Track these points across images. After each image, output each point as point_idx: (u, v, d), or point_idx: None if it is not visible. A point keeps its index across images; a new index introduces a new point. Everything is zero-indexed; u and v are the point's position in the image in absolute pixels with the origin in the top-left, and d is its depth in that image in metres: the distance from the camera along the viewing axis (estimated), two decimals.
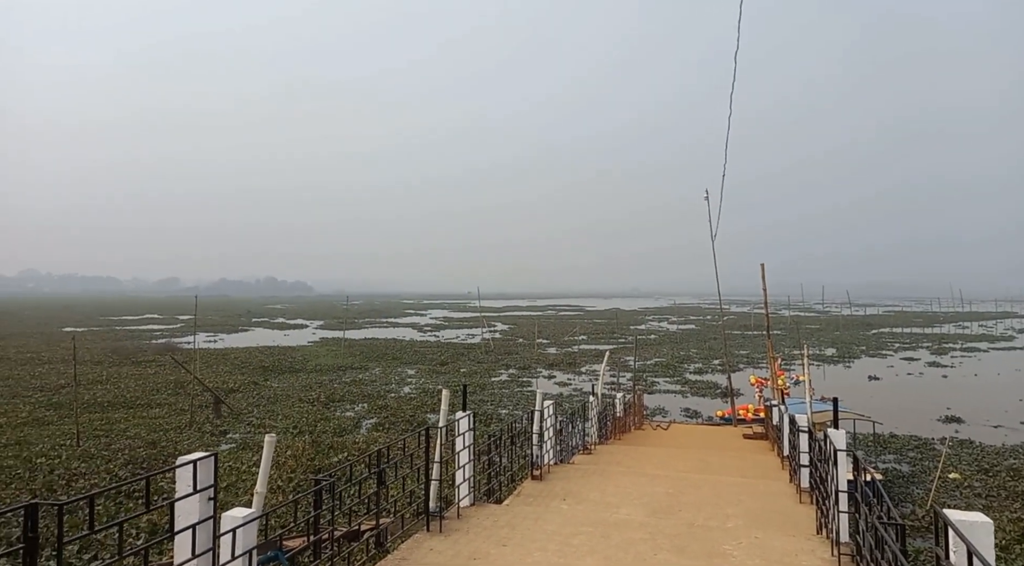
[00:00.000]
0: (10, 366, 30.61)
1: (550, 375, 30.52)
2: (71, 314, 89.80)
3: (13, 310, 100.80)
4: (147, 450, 14.57)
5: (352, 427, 18.05)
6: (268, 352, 38.41)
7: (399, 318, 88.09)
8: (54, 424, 17.90)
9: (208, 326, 63.06)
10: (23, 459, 13.51)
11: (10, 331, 54.51)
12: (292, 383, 26.44)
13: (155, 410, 20.29)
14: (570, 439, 10.89)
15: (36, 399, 21.70)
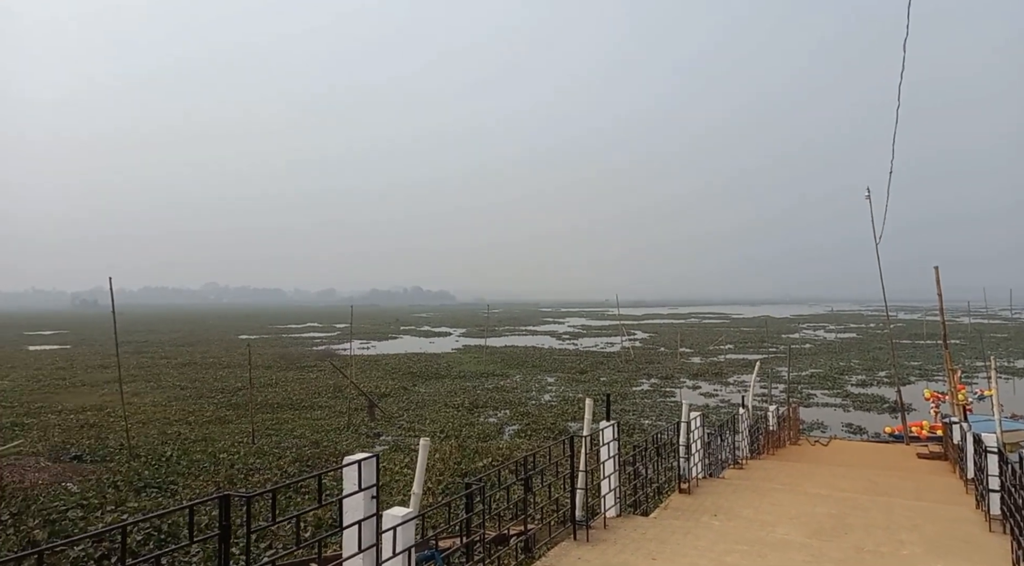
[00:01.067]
0: (197, 370, 34.42)
1: (695, 385, 29.49)
2: (245, 323, 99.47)
3: (198, 319, 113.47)
4: (311, 449, 15.77)
5: (495, 433, 18.46)
6: (416, 358, 40.33)
7: (538, 326, 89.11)
8: (233, 423, 19.87)
9: (362, 334, 67.40)
10: (208, 454, 15.09)
11: (197, 338, 61.32)
12: (438, 389, 27.54)
13: (317, 412, 21.94)
14: (719, 452, 10.43)
15: (218, 400, 24.21)
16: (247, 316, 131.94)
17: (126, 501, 11.22)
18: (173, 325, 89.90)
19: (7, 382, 29.37)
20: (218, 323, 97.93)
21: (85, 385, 28.74)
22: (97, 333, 70.46)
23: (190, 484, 12.55)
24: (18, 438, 17.09)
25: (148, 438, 17.06)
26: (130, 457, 14.61)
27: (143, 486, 12.28)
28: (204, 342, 56.18)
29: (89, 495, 11.40)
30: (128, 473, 13.09)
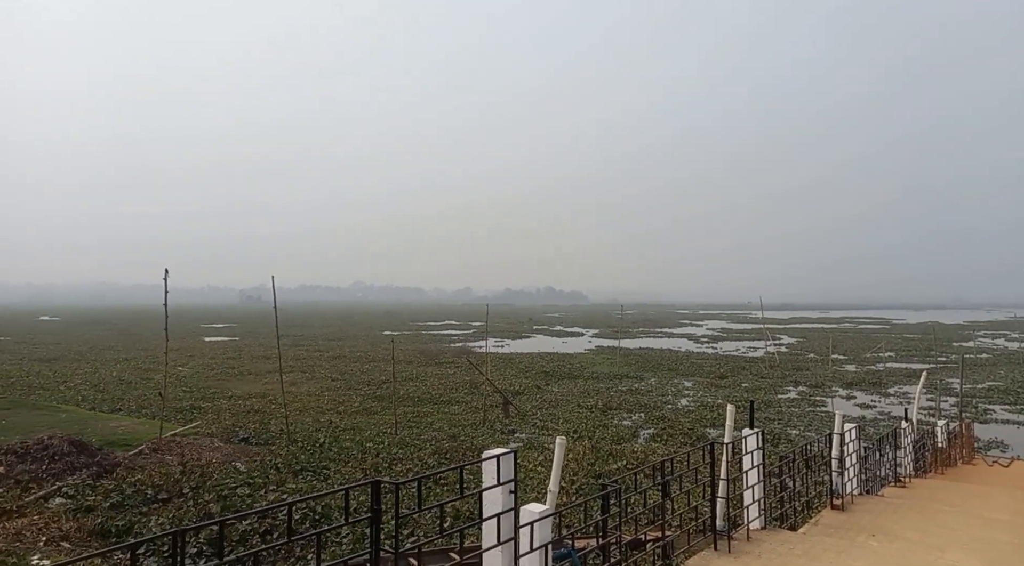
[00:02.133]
0: (346, 363, 36.80)
1: (849, 395, 27.38)
2: (388, 320, 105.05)
3: (347, 315, 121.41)
4: (449, 442, 16.35)
5: (630, 436, 18.18)
6: (548, 358, 40.64)
7: (674, 328, 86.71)
8: (378, 414, 21.04)
9: (496, 332, 68.99)
10: (356, 442, 16.07)
11: (345, 333, 65.61)
12: (571, 389, 27.56)
13: (454, 407, 22.71)
14: (877, 468, 9.60)
15: (365, 392, 25.74)
16: (390, 313, 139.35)
17: (285, 482, 12.20)
18: (325, 321, 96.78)
19: (187, 369, 32.96)
20: (364, 319, 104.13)
21: (251, 374, 31.62)
22: (260, 327, 77.35)
23: (340, 470, 13.42)
24: (196, 420, 19.14)
25: (304, 425, 18.46)
26: (289, 442, 15.88)
27: (300, 469, 13.29)
28: (352, 337, 59.97)
29: (255, 475, 12.51)
30: (287, 456, 14.23)
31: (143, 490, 11.25)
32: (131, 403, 22.47)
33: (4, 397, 22.76)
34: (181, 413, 20.19)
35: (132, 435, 16.38)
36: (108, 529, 9.73)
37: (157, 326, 72.39)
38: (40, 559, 8.24)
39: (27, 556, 8.38)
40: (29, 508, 10.31)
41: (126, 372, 31.52)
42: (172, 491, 11.39)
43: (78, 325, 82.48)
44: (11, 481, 11.63)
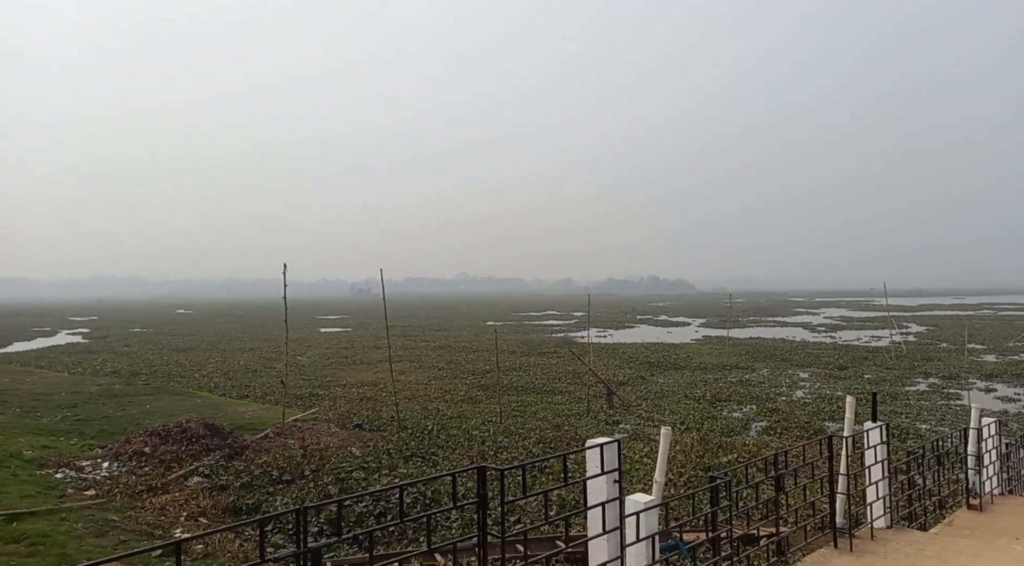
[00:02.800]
0: (451, 353, 37.76)
1: (988, 388, 25.13)
2: (491, 310, 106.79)
3: (451, 306, 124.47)
4: (553, 432, 16.42)
5: (740, 428, 17.55)
6: (653, 348, 39.90)
7: (787, 317, 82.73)
8: (483, 403, 21.44)
9: (598, 322, 68.49)
10: (463, 430, 16.45)
11: (450, 324, 67.31)
12: (677, 380, 26.94)
13: (557, 397, 22.78)
14: (1021, 467, 8.76)
15: (470, 381, 26.30)
16: (492, 304, 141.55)
17: (397, 467, 12.69)
18: (430, 312, 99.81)
19: (305, 359, 34.95)
20: (468, 310, 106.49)
21: (363, 363, 33.11)
22: (371, 318, 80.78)
23: (448, 456, 13.80)
24: (315, 407, 20.27)
25: (413, 413, 19.12)
26: (399, 429, 16.50)
27: (410, 455, 13.77)
28: (456, 328, 61.45)
29: (368, 459, 13.08)
30: (398, 442, 14.78)
31: (269, 471, 12.03)
32: (256, 390, 24.09)
33: (148, 384, 25.04)
34: (301, 400, 21.43)
35: (258, 420, 17.58)
36: (239, 507, 10.49)
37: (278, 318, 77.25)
38: (182, 532, 9.01)
39: (171, 529, 9.19)
40: (172, 485, 11.29)
41: (251, 361, 33.85)
42: (295, 473, 12.12)
43: (209, 317, 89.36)
44: (156, 460, 12.78)
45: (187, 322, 77.74)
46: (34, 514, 8.72)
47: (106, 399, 20.74)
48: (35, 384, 23.85)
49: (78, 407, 19.10)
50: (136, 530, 8.96)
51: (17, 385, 23.31)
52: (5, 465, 11.63)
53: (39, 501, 9.63)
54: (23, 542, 7.63)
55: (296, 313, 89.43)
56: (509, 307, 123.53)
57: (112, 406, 19.45)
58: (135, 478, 11.60)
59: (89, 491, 10.69)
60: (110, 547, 7.97)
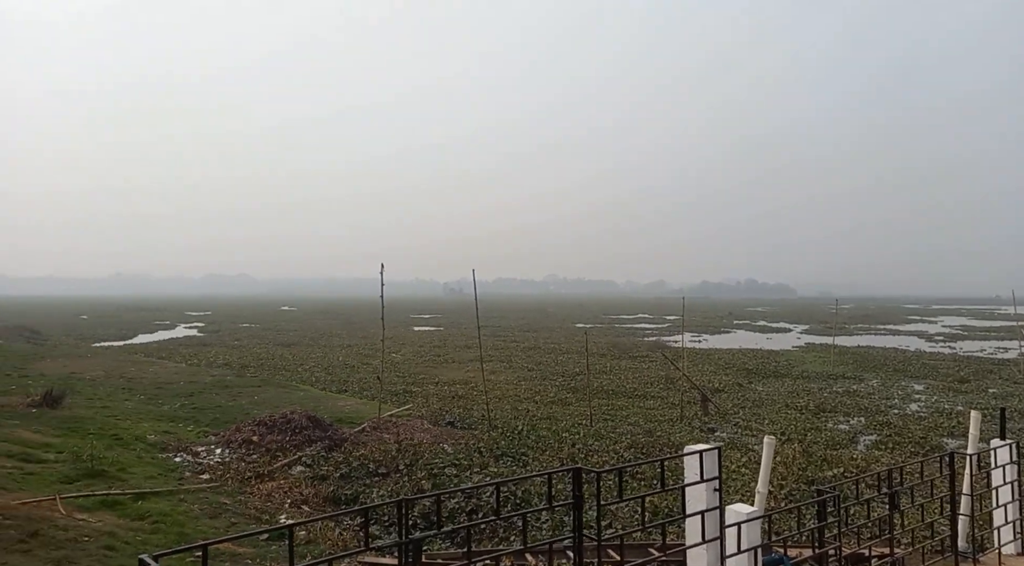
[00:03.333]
0: (540, 354, 37.83)
1: None
2: (580, 312, 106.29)
3: (540, 307, 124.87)
4: (644, 437, 16.10)
5: (847, 441, 16.60)
6: (751, 355, 38.45)
7: (900, 325, 77.58)
8: (572, 405, 21.34)
9: (692, 326, 66.75)
10: (552, 431, 16.42)
11: (539, 325, 67.50)
12: (777, 388, 25.82)
13: (649, 401, 22.34)
14: None
15: (559, 383, 26.26)
16: (581, 306, 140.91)
17: (488, 465, 12.82)
18: (520, 313, 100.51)
19: (399, 356, 36.00)
20: (557, 312, 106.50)
21: (454, 362, 33.74)
22: (462, 318, 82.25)
23: (538, 457, 13.80)
24: (408, 403, 20.84)
25: (503, 412, 19.29)
26: (490, 428, 16.67)
27: (500, 454, 13.88)
28: (546, 329, 61.55)
29: (460, 457, 13.29)
30: (488, 441, 14.94)
31: (366, 464, 12.46)
32: (354, 385, 25.04)
33: (256, 377, 26.55)
34: (395, 396, 22.09)
35: (356, 414, 18.26)
36: (339, 497, 10.93)
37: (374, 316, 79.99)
38: (286, 518, 9.47)
39: (276, 514, 9.69)
40: (277, 473, 11.90)
41: (349, 357, 35.23)
42: (390, 467, 12.49)
43: (310, 315, 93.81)
44: (263, 449, 13.52)
45: (290, 319, 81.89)
46: (157, 494, 9.42)
47: (219, 389, 22.15)
48: (157, 374, 25.81)
49: (194, 396, 20.51)
50: (245, 514, 9.50)
51: (142, 374, 25.30)
52: (131, 448, 12.64)
53: (161, 482, 10.39)
54: (147, 519, 8.25)
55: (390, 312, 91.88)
56: (599, 309, 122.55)
57: (224, 396, 20.76)
58: (244, 465, 12.31)
59: (204, 475, 11.44)
60: (223, 528, 8.48)
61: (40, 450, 11.14)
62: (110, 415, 15.98)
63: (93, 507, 8.38)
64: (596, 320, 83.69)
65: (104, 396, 19.37)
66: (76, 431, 13.20)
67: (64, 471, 9.98)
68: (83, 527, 7.36)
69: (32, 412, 14.33)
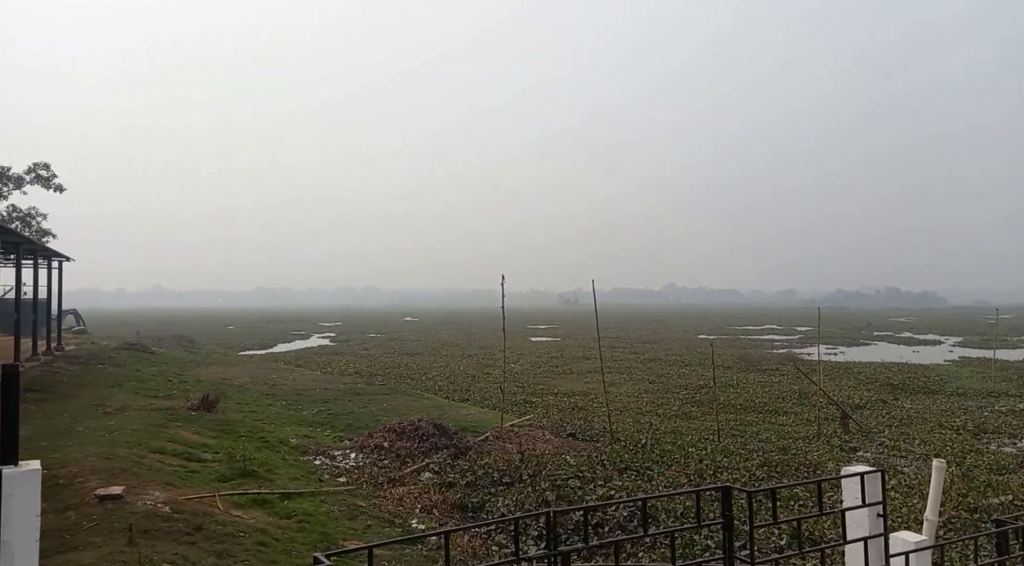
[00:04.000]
0: (661, 366, 36.90)
1: None
2: (702, 323, 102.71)
3: (659, 318, 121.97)
4: (778, 455, 15.23)
5: (1016, 466, 14.87)
6: (895, 369, 35.49)
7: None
8: (697, 419, 20.61)
9: (826, 338, 62.64)
10: (678, 446, 15.92)
11: (659, 336, 65.91)
12: (927, 405, 23.65)
13: (781, 417, 21.15)
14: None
15: (682, 396, 25.46)
16: (703, 316, 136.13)
17: (611, 479, 12.62)
18: (638, 323, 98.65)
19: (518, 366, 36.34)
20: (677, 322, 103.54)
21: (572, 373, 33.61)
22: (578, 328, 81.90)
23: (664, 472, 13.43)
24: (528, 413, 20.96)
25: (624, 425, 18.95)
26: (612, 440, 16.43)
27: (624, 467, 13.63)
28: (666, 340, 60.01)
29: (583, 469, 13.18)
30: (611, 454, 14.72)
31: (490, 472, 12.63)
32: (475, 394, 25.54)
33: (384, 385, 27.73)
34: (516, 406, 22.29)
35: (479, 422, 18.61)
36: (465, 504, 11.13)
37: (492, 326, 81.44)
38: (417, 523, 9.76)
39: (408, 519, 10.01)
40: (407, 479, 12.32)
41: (470, 367, 36.01)
42: (513, 476, 12.59)
43: (432, 325, 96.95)
44: (393, 454, 14.06)
45: (413, 329, 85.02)
46: (301, 495, 10.02)
47: (351, 396, 23.35)
48: (296, 381, 27.61)
49: (329, 402, 21.74)
50: (379, 516, 9.90)
51: (283, 381, 27.15)
52: (277, 450, 13.54)
53: (303, 483, 11.06)
54: (293, 518, 8.79)
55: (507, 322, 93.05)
56: (722, 320, 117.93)
57: (356, 403, 21.84)
58: (377, 469, 12.85)
59: (341, 478, 12.05)
60: (360, 530, 8.88)
61: (199, 450, 12.19)
62: (257, 419, 17.25)
63: (246, 504, 9.04)
64: (720, 331, 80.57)
65: (251, 401, 20.95)
66: (229, 433, 14.33)
67: (220, 470, 10.85)
68: (239, 523, 7.94)
69: (192, 415, 15.73)
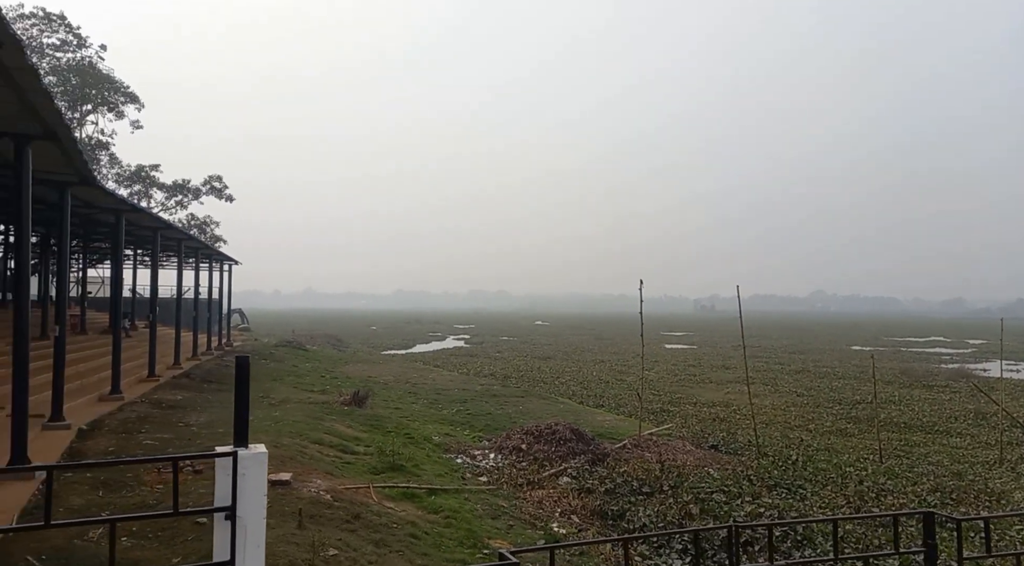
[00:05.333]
0: (810, 378, 34.58)
1: None
2: (855, 333, 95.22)
3: (805, 327, 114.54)
4: (952, 480, 13.76)
5: None
6: None
7: None
8: (855, 437, 19.06)
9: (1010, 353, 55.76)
10: (833, 465, 14.82)
11: (806, 346, 61.86)
12: None
13: (954, 439, 19.08)
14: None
15: (836, 411, 23.67)
16: (856, 326, 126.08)
17: (760, 495, 11.96)
18: (782, 332, 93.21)
19: (653, 373, 35.50)
20: (826, 332, 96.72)
21: (711, 382, 32.32)
22: (716, 336, 78.70)
23: (818, 492, 12.54)
24: (666, 422, 20.37)
25: (771, 439, 17.91)
26: (758, 455, 15.58)
27: (773, 484, 12.87)
28: (814, 351, 56.20)
29: (728, 483, 12.59)
30: (758, 469, 13.97)
31: (629, 481, 12.39)
32: (610, 400, 25.22)
33: (518, 387, 28.11)
34: (652, 414, 21.76)
35: (615, 429, 18.35)
36: (605, 511, 10.98)
37: (624, 331, 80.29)
38: (558, 527, 9.75)
39: (548, 522, 10.03)
40: (545, 482, 12.36)
41: (603, 372, 35.66)
42: (653, 487, 12.26)
43: (562, 330, 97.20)
44: (531, 457, 14.17)
45: (544, 333, 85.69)
46: (446, 491, 10.35)
47: (487, 398, 23.87)
48: (435, 380, 28.67)
49: (467, 403, 22.35)
50: (520, 518, 9.99)
51: (423, 380, 28.30)
52: (421, 447, 14.09)
53: (447, 480, 11.41)
54: (440, 513, 9.08)
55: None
56: (879, 330, 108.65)
57: (492, 404, 22.29)
58: (515, 471, 13.00)
59: (482, 477, 12.31)
60: (503, 529, 9.00)
61: (352, 443, 12.94)
62: (402, 416, 18.08)
63: (397, 497, 9.46)
64: (876, 342, 74.27)
65: (395, 399, 22.00)
66: (378, 428, 15.12)
67: (372, 463, 11.45)
68: (391, 514, 8.32)
69: (344, 409, 16.76)
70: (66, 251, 12.90)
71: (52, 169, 10.19)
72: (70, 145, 8.99)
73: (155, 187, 47.31)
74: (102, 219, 17.48)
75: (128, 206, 16.00)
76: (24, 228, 8.91)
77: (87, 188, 12.02)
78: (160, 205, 47.26)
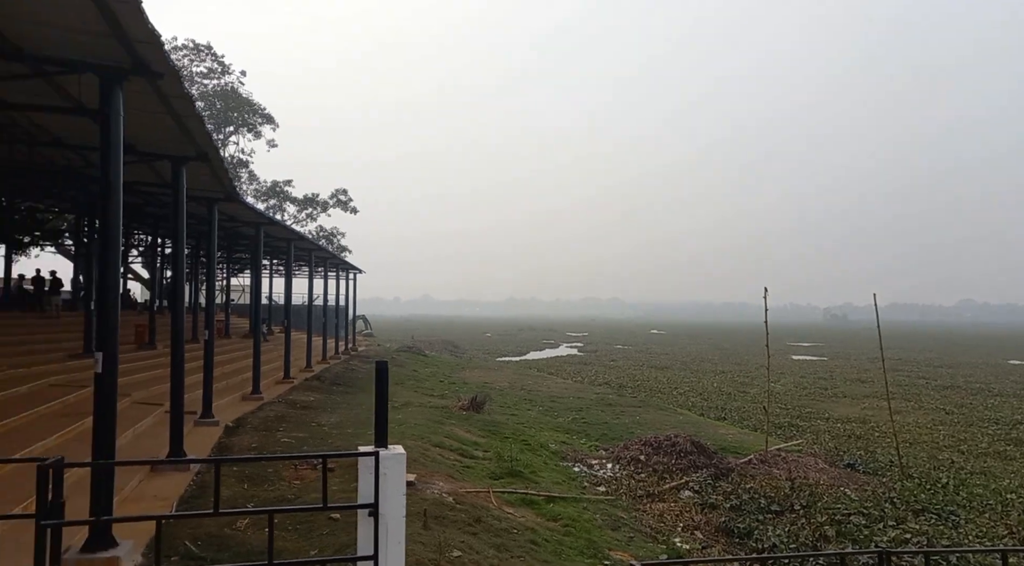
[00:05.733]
0: (961, 394, 31.49)
1: None
2: (1014, 345, 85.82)
3: (951, 338, 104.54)
4: None
5: None
6: None
7: None
8: (1016, 461, 17.14)
9: None
10: (991, 491, 13.40)
11: (954, 360, 56.45)
12: None
13: None
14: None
15: (992, 431, 21.39)
16: (1014, 337, 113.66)
17: (905, 520, 11.03)
18: (923, 344, 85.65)
19: (779, 386, 33.65)
20: (977, 345, 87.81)
21: (845, 396, 30.18)
22: (849, 347, 73.54)
23: (973, 519, 11.40)
24: (795, 437, 19.22)
25: (917, 460, 16.47)
26: (902, 476, 14.37)
27: (920, 509, 11.83)
28: (964, 365, 51.17)
29: (867, 505, 11.70)
30: (902, 491, 12.89)
31: (756, 498, 11.79)
32: (733, 413, 24.16)
33: (634, 397, 27.55)
34: (780, 429, 20.62)
35: (739, 443, 17.53)
36: (731, 529, 10.48)
37: (746, 341, 76.81)
38: (681, 542, 9.41)
39: (670, 536, 9.71)
40: (666, 495, 12.00)
41: (724, 384, 34.24)
42: (783, 505, 11.60)
43: (679, 338, 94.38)
44: (649, 469, 13.81)
45: (660, 342, 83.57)
46: (564, 499, 10.27)
47: (602, 407, 23.57)
48: (549, 388, 28.68)
49: (582, 411, 22.17)
50: (641, 530, 9.73)
51: (538, 387, 28.39)
52: (538, 454, 14.11)
53: (565, 488, 11.33)
54: (559, 521, 9.02)
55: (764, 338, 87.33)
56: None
57: (608, 414, 21.98)
58: (634, 482, 12.72)
59: (600, 487, 12.13)
60: (623, 541, 8.80)
61: (471, 447, 13.16)
62: (518, 422, 18.21)
63: (515, 503, 9.50)
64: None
65: (511, 405, 22.20)
66: (495, 434, 15.30)
67: (491, 468, 11.58)
68: (511, 520, 8.36)
69: (463, 414, 17.10)
70: (214, 261, 14.07)
71: (203, 187, 11.14)
72: (218, 165, 9.79)
73: (288, 201, 50.75)
74: (243, 231, 18.94)
75: (266, 219, 17.23)
76: (180, 241, 9.77)
77: (231, 204, 13.05)
78: (292, 218, 50.59)
